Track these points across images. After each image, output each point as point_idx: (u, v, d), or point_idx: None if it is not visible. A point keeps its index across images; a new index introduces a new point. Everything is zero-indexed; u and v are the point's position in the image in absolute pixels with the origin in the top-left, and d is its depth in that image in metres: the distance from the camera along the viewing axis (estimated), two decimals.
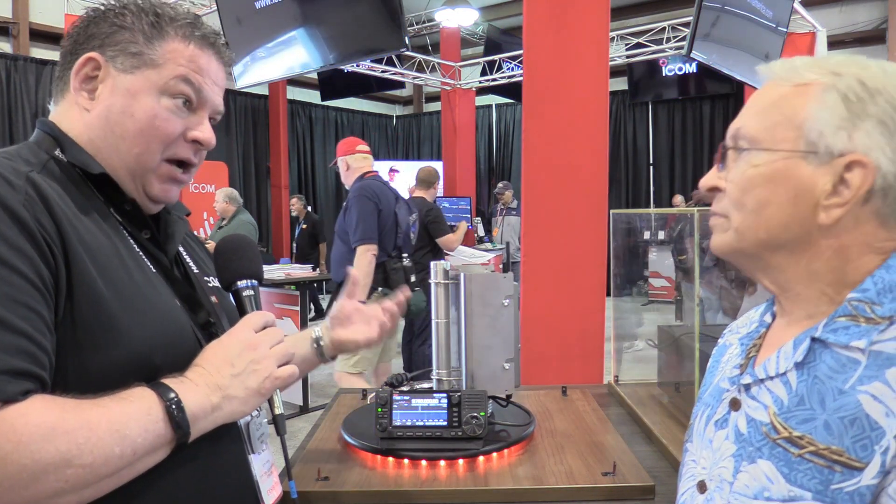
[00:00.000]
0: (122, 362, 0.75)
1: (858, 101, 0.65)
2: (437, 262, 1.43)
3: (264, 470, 0.94)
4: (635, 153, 10.97)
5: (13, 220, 0.70)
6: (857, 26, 8.83)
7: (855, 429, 0.60)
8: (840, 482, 0.60)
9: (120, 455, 0.69)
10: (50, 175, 0.79)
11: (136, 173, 0.86)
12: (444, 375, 1.42)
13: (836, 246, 0.67)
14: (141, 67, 0.84)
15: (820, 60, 0.69)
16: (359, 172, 3.61)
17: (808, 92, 0.67)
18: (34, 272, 0.69)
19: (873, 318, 0.64)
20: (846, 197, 0.65)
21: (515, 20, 9.78)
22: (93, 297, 0.74)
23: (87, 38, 0.85)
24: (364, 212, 3.36)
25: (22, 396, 0.65)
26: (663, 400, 1.69)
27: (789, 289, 0.71)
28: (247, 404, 0.81)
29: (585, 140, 2.88)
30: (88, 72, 0.84)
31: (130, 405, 0.72)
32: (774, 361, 0.70)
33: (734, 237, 0.71)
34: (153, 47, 0.85)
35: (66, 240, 0.73)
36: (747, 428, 0.70)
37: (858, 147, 0.64)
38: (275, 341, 0.86)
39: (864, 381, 0.61)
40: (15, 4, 7.74)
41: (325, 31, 4.31)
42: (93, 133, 0.84)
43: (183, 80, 0.85)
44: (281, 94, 10.34)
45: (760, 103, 0.71)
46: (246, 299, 0.93)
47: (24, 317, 0.67)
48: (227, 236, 1.01)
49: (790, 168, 0.67)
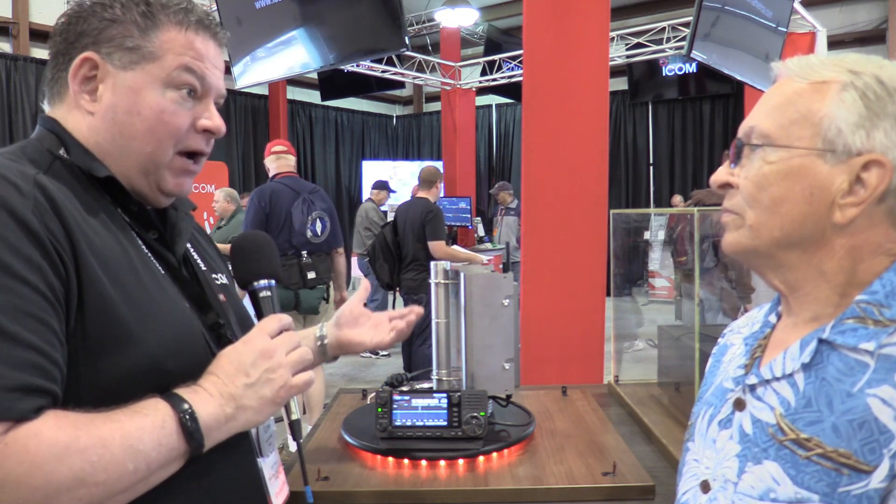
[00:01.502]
0: (135, 369, 0.74)
1: (877, 100, 0.64)
2: (437, 262, 1.43)
3: (272, 472, 0.93)
4: (635, 153, 10.97)
5: (22, 228, 0.68)
6: (857, 26, 8.83)
7: (863, 432, 0.60)
8: (848, 485, 0.60)
9: (134, 471, 0.68)
10: (56, 176, 0.77)
11: (150, 171, 0.84)
12: (444, 375, 1.42)
13: (849, 245, 0.66)
14: (140, 62, 0.81)
15: (836, 59, 0.69)
16: (273, 173, 3.88)
17: (825, 89, 0.67)
18: (44, 283, 0.67)
19: (881, 321, 0.63)
20: (862, 196, 0.64)
21: (515, 20, 9.78)
22: (104, 305, 0.72)
23: (77, 36, 0.81)
24: (248, 217, 3.75)
25: (34, 414, 0.64)
26: (663, 400, 1.69)
27: (798, 288, 0.71)
28: (261, 414, 0.80)
29: (585, 140, 2.88)
30: (86, 73, 0.81)
31: (144, 419, 0.70)
32: (781, 362, 0.69)
33: (748, 235, 0.71)
34: (149, 39, 0.81)
35: (76, 247, 0.71)
36: (752, 429, 0.69)
37: (876, 146, 0.64)
38: (290, 347, 0.84)
39: (873, 385, 0.61)
40: (15, 4, 7.73)
41: (325, 31, 4.31)
42: (99, 136, 0.82)
43: (185, 70, 0.83)
44: (281, 94, 10.34)
45: (776, 100, 0.70)
46: (263, 300, 0.92)
47: (34, 330, 0.66)
48: (247, 233, 1.00)
49: (806, 166, 0.66)
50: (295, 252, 3.70)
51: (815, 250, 0.68)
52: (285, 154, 3.92)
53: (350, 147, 12.19)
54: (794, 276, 0.70)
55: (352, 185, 12.05)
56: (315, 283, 3.74)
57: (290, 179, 3.83)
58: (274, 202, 3.68)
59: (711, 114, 10.33)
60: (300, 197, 3.74)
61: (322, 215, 3.80)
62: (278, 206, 3.68)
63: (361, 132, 12.44)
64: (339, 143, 12.01)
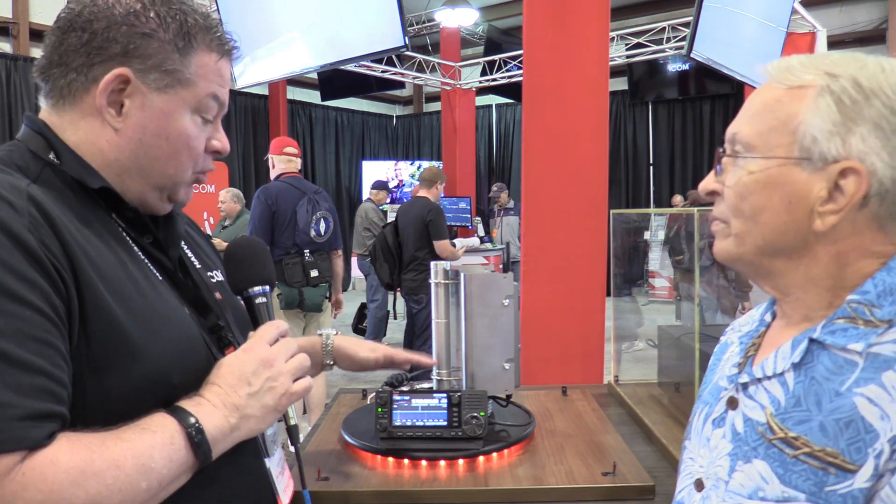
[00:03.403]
0: (141, 384, 0.73)
1: (853, 104, 0.63)
2: (436, 262, 1.43)
3: (279, 470, 0.94)
4: (635, 153, 10.96)
5: (19, 248, 0.66)
6: (857, 26, 8.83)
7: (850, 431, 0.60)
8: (834, 484, 0.59)
9: (147, 489, 0.68)
10: (47, 185, 0.75)
11: (167, 188, 0.84)
12: (444, 375, 1.42)
13: (834, 252, 0.66)
14: (175, 86, 0.79)
15: (816, 59, 0.68)
16: (278, 172, 3.93)
17: (802, 95, 0.66)
18: (47, 303, 0.66)
19: (872, 321, 0.63)
20: (841, 204, 0.64)
21: (515, 20, 9.78)
22: (106, 320, 0.71)
23: (104, 42, 0.76)
24: (254, 214, 3.78)
25: (48, 440, 0.64)
26: (663, 400, 1.69)
27: (789, 293, 0.71)
28: (264, 422, 0.80)
29: (585, 140, 2.88)
30: (115, 86, 0.78)
31: (154, 436, 0.70)
32: (772, 361, 0.69)
33: (734, 243, 0.71)
34: (186, 63, 0.80)
35: (74, 262, 0.70)
36: (744, 427, 0.70)
37: (853, 153, 0.63)
38: (290, 354, 0.84)
39: (861, 384, 0.61)
40: (15, 4, 7.73)
41: (325, 31, 4.31)
42: (122, 154, 0.80)
43: (213, 98, 0.83)
44: (281, 94, 10.34)
45: (755, 107, 0.70)
46: (258, 307, 0.92)
47: (41, 353, 0.65)
48: (239, 239, 0.99)
49: (784, 175, 0.66)
50: (298, 251, 3.77)
51: (800, 257, 0.68)
52: (296, 157, 4.02)
53: (350, 147, 12.19)
54: (783, 281, 0.70)
55: (352, 186, 12.05)
56: (318, 282, 3.82)
57: (295, 179, 3.91)
58: (280, 201, 3.75)
59: (711, 114, 10.33)
60: (305, 196, 3.81)
61: (326, 215, 3.86)
62: (284, 204, 3.75)
63: (361, 132, 12.43)
64: (339, 143, 12.01)
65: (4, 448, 0.61)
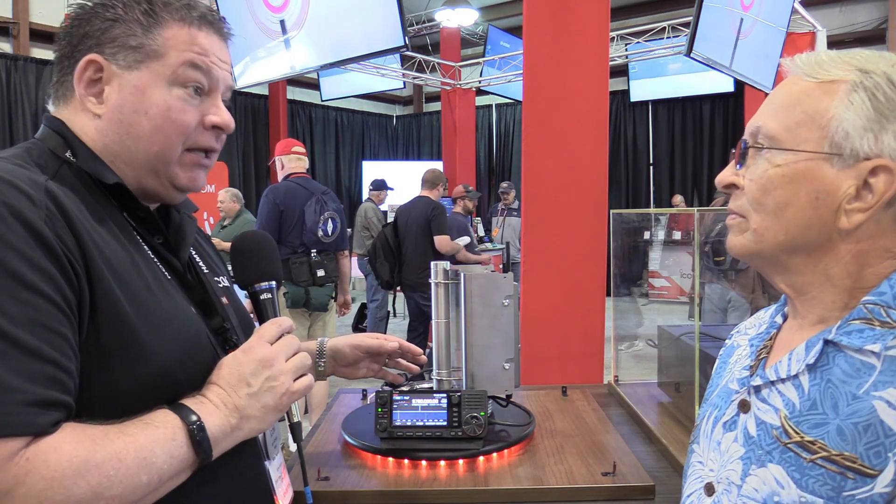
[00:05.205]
0: (147, 380, 0.74)
1: (887, 102, 0.62)
2: (437, 261, 1.43)
3: (278, 474, 0.94)
4: (635, 153, 10.96)
5: (35, 239, 0.67)
6: (857, 26, 8.83)
7: (869, 435, 0.58)
8: (852, 489, 0.58)
9: (147, 483, 0.69)
10: (63, 181, 0.77)
11: (160, 169, 0.83)
12: (444, 375, 1.42)
13: (856, 251, 0.65)
14: (144, 61, 0.80)
15: (847, 56, 0.66)
16: (287, 172, 3.95)
17: (833, 90, 0.64)
18: (58, 294, 0.67)
19: (889, 322, 0.62)
20: (869, 202, 0.63)
21: (515, 20, 9.78)
22: (116, 315, 0.72)
23: (81, 38, 0.81)
24: (262, 213, 3.81)
25: (52, 428, 0.65)
26: (663, 400, 1.69)
27: (805, 292, 0.69)
28: (264, 422, 0.81)
29: (585, 140, 2.88)
30: (91, 75, 0.81)
31: (156, 431, 0.71)
32: (786, 364, 0.68)
33: (752, 238, 0.69)
34: (152, 36, 0.81)
35: (87, 256, 0.71)
36: (757, 430, 0.68)
37: (885, 150, 0.62)
38: (290, 352, 0.85)
39: (879, 387, 0.60)
40: (15, 4, 7.73)
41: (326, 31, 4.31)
42: (107, 139, 0.81)
43: (191, 66, 0.82)
44: (281, 94, 10.34)
45: (783, 99, 0.68)
46: (264, 303, 0.93)
47: (51, 342, 0.66)
48: (248, 233, 0.99)
49: (813, 170, 0.64)
50: (305, 250, 3.79)
51: (821, 255, 0.66)
52: (304, 155, 4.05)
53: (350, 147, 12.20)
54: (800, 279, 0.69)
55: (352, 185, 12.06)
56: (324, 281, 3.84)
57: (304, 180, 3.93)
58: (288, 200, 3.78)
59: (711, 114, 10.33)
60: (314, 196, 3.83)
61: (334, 216, 3.89)
62: (292, 204, 3.78)
63: (361, 132, 12.44)
64: (339, 143, 12.02)
65: (10, 432, 0.62)
